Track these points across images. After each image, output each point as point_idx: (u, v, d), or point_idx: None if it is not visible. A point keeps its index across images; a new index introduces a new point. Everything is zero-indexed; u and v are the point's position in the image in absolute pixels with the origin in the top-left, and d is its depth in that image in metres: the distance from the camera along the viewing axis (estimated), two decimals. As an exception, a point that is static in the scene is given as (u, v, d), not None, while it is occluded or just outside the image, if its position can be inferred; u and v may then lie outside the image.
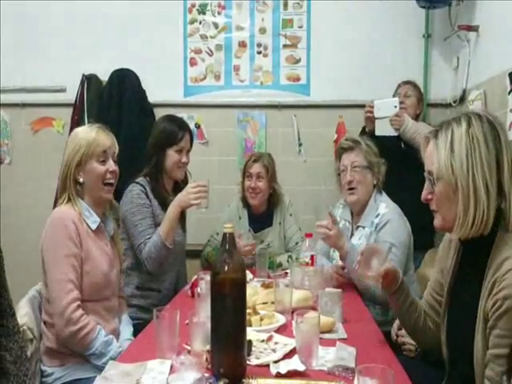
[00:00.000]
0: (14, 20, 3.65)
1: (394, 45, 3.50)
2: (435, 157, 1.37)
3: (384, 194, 2.48)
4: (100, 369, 1.65)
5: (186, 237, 2.69)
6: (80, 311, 1.77)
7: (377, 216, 2.37)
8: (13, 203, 3.65)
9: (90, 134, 1.91)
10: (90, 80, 3.58)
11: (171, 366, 1.39)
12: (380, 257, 1.60)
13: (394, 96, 3.22)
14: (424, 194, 1.42)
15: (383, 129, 2.95)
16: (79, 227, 1.84)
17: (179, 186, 2.59)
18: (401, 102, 3.09)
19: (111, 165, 1.94)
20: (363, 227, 2.42)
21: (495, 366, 1.25)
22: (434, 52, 3.51)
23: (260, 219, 2.98)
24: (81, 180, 1.89)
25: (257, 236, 2.95)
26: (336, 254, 2.50)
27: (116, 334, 1.95)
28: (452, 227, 1.37)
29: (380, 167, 2.47)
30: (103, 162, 1.92)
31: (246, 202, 3.00)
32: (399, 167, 2.61)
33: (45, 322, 1.85)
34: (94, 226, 1.90)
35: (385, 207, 2.38)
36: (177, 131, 2.51)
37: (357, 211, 2.49)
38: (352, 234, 2.50)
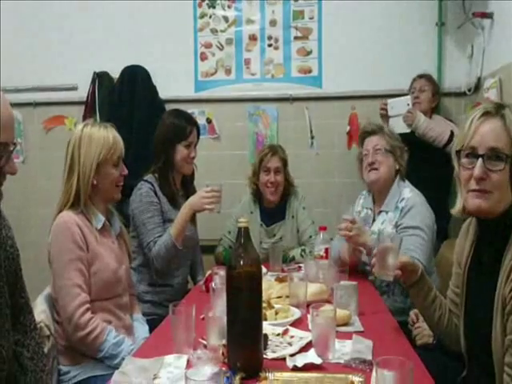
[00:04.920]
0: (24, 19, 3.67)
1: (407, 34, 3.45)
2: (505, 134, 1.32)
3: (407, 181, 2.47)
4: (115, 367, 1.65)
5: (197, 231, 2.68)
6: (88, 315, 1.76)
7: (402, 200, 2.35)
8: (26, 201, 3.68)
9: (108, 136, 1.89)
10: (101, 77, 3.58)
11: (188, 361, 1.40)
12: (393, 252, 1.59)
13: (409, 90, 3.22)
14: (480, 173, 1.33)
15: (397, 126, 2.99)
16: (84, 229, 1.83)
17: (187, 180, 2.61)
18: (416, 97, 3.11)
19: (123, 168, 1.98)
20: (386, 212, 2.41)
21: None
22: (447, 40, 3.44)
23: (272, 213, 2.96)
24: (95, 182, 1.88)
25: (269, 230, 2.94)
26: None
27: (129, 330, 1.95)
28: (500, 210, 1.35)
29: (403, 153, 2.48)
30: (117, 166, 1.94)
31: (257, 196, 2.99)
32: (415, 159, 2.61)
33: (57, 322, 1.85)
34: (99, 225, 1.90)
35: (409, 191, 2.38)
36: (185, 126, 2.50)
37: (378, 195, 2.47)
38: (374, 220, 2.49)
